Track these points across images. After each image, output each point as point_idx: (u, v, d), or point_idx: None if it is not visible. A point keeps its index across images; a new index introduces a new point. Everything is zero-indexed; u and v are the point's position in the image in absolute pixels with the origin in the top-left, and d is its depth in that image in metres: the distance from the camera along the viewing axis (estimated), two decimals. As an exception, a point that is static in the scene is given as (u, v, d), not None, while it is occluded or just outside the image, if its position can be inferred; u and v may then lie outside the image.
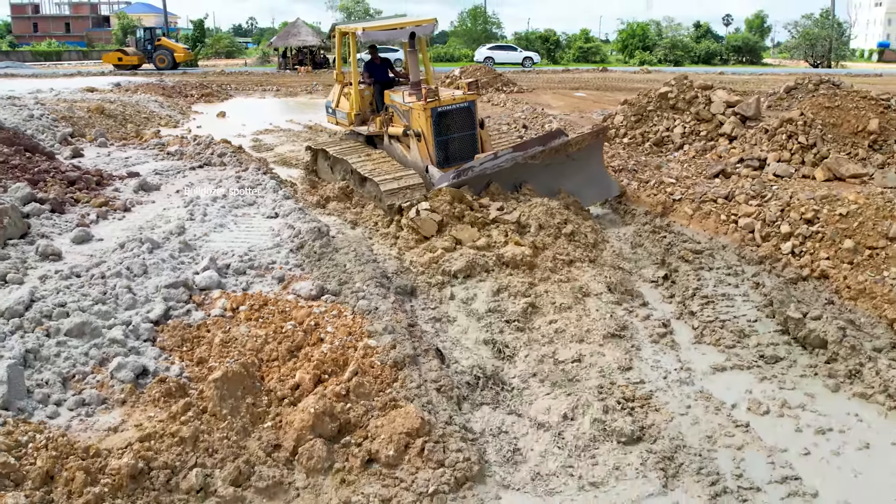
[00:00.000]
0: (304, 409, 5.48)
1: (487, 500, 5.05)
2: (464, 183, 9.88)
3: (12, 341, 5.83)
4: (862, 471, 5.50)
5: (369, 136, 12.40)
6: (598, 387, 6.36)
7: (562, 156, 10.65)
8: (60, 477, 4.70)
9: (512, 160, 10.13)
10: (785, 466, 5.48)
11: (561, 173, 10.64)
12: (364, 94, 12.52)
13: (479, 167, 10.01)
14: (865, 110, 12.20)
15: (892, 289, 7.87)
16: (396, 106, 11.57)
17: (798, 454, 5.67)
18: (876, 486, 5.32)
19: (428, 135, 10.74)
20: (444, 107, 10.83)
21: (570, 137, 11.03)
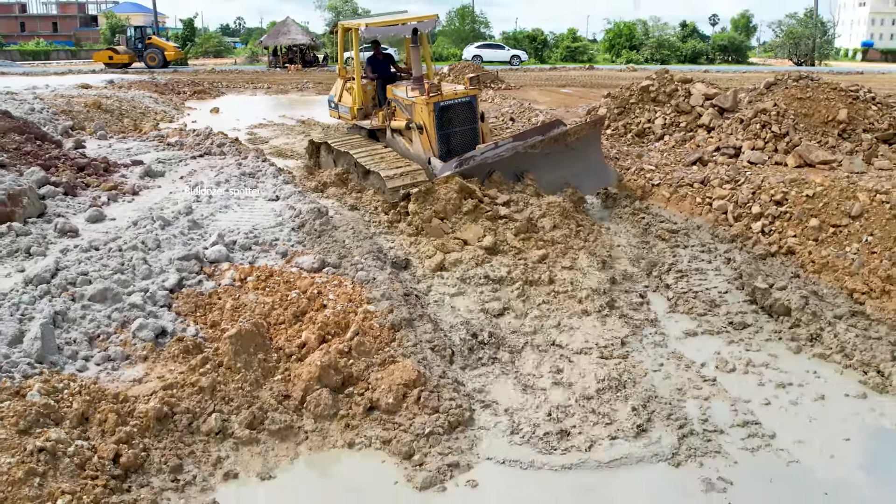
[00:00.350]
0: (311, 363, 6.04)
1: (476, 441, 5.61)
2: (466, 172, 10.00)
3: (42, 304, 6.36)
4: (816, 417, 6.10)
5: (371, 130, 12.56)
6: (581, 349, 6.95)
7: (560, 145, 10.85)
8: (94, 418, 5.24)
9: (512, 149, 10.31)
10: (747, 413, 6.07)
11: (560, 162, 10.82)
12: (366, 89, 12.73)
13: (481, 156, 10.17)
14: (835, 101, 12.82)
15: (853, 262, 8.47)
16: (399, 100, 11.72)
17: (759, 404, 6.26)
18: (828, 429, 5.91)
19: (430, 128, 10.89)
20: (447, 101, 11.00)
21: (568, 127, 11.25)
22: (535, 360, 6.78)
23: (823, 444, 5.70)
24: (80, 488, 4.62)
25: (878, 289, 8.06)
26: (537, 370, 6.62)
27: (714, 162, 12.29)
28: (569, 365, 6.68)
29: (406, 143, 11.59)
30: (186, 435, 5.44)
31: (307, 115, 23.32)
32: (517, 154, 10.36)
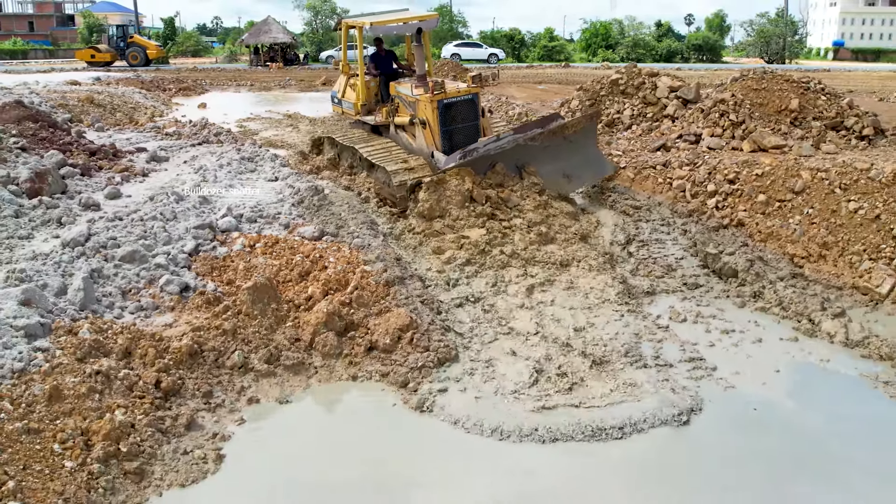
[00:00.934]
0: (318, 310, 6.98)
1: (461, 373, 6.58)
2: (469, 164, 10.30)
3: (80, 263, 7.26)
4: (753, 355, 7.12)
5: (375, 126, 12.80)
6: (551, 300, 7.94)
7: (559, 138, 11.15)
8: (136, 352, 6.16)
9: (513, 142, 10.60)
10: (693, 352, 7.07)
11: (558, 154, 11.12)
12: (370, 86, 13.00)
13: (483, 148, 10.44)
14: (788, 91, 13.93)
15: (795, 231, 9.52)
16: (403, 97, 11.98)
17: (705, 346, 7.27)
18: (762, 364, 6.93)
19: (434, 125, 11.17)
20: (450, 99, 11.28)
21: (566, 120, 11.61)
22: (519, 313, 7.77)
23: (756, 375, 6.71)
24: (132, 404, 5.55)
25: (815, 254, 9.12)
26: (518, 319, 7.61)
27: (676, 148, 13.35)
28: (548, 312, 7.67)
29: (409, 139, 11.88)
30: (214, 368, 6.36)
31: (293, 110, 24.19)
32: (518, 146, 10.69)
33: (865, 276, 8.58)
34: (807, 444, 5.71)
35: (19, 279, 6.65)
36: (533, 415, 5.91)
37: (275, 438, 5.69)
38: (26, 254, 7.44)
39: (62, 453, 4.87)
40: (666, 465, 5.43)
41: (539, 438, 5.63)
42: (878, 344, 7.16)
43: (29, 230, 8.16)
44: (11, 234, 7.97)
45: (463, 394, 6.25)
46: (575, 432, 5.69)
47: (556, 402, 6.11)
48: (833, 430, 5.93)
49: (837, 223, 9.31)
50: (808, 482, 5.23)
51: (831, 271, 8.86)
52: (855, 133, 13.41)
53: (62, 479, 4.68)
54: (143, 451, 5.17)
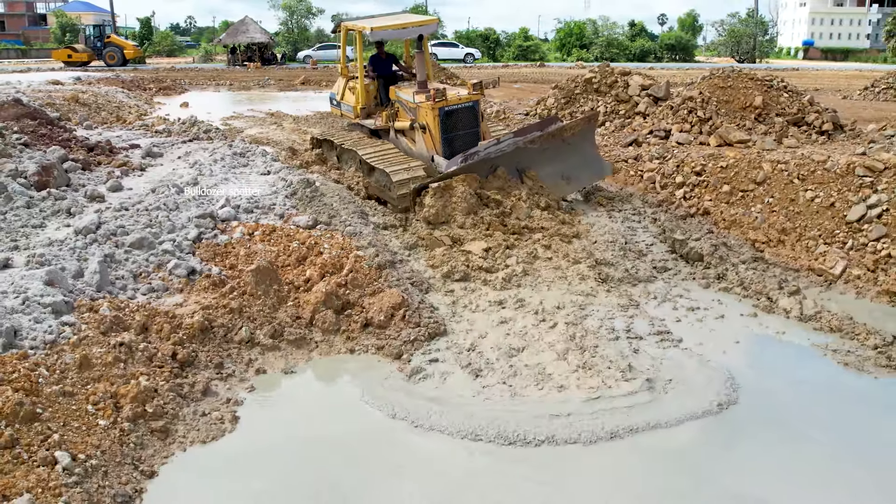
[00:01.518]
0: (317, 291, 7.57)
1: (451, 344, 7.19)
2: (471, 167, 10.51)
3: (93, 249, 7.79)
4: (716, 329, 7.80)
5: (374, 129, 12.85)
6: (530, 285, 8.58)
7: (558, 140, 11.36)
8: (152, 328, 6.71)
9: (514, 145, 10.79)
10: (661, 326, 7.72)
11: (557, 156, 11.34)
12: (369, 89, 13.09)
13: (484, 152, 10.61)
14: (752, 89, 14.69)
15: (756, 219, 10.24)
16: (403, 102, 12.09)
17: (672, 321, 7.93)
18: (724, 336, 7.60)
19: (435, 131, 11.27)
20: (451, 106, 11.32)
21: (565, 123, 11.79)
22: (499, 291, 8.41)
23: (718, 345, 7.38)
24: (153, 372, 6.10)
25: (774, 239, 9.84)
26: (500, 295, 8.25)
27: (647, 143, 14.06)
28: (528, 293, 8.31)
29: (409, 143, 12.01)
30: (223, 343, 6.93)
31: (274, 109, 24.69)
32: (517, 149, 10.87)
33: (820, 259, 9.30)
34: (765, 403, 6.35)
35: (39, 262, 7.18)
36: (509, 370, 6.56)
37: (282, 403, 6.27)
38: (42, 241, 7.97)
39: (95, 413, 5.42)
40: (635, 417, 6.06)
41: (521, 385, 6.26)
42: (829, 318, 7.86)
43: (41, 220, 8.68)
44: (25, 223, 8.49)
45: (453, 362, 6.87)
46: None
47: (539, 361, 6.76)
48: (788, 390, 6.60)
49: (795, 211, 10.03)
50: (767, 432, 5.88)
51: (789, 255, 9.58)
52: (815, 128, 14.19)
53: (98, 434, 5.23)
54: (167, 412, 5.73)
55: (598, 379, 6.53)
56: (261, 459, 5.43)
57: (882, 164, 9.87)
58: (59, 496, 4.53)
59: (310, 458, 5.50)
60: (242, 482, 5.17)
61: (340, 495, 5.06)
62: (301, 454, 5.57)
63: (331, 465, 5.39)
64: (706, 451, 5.68)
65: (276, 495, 5.04)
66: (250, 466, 5.35)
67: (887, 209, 9.33)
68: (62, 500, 4.50)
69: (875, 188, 9.68)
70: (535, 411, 6.04)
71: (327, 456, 5.51)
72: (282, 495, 5.04)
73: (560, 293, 8.42)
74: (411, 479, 5.26)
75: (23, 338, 5.90)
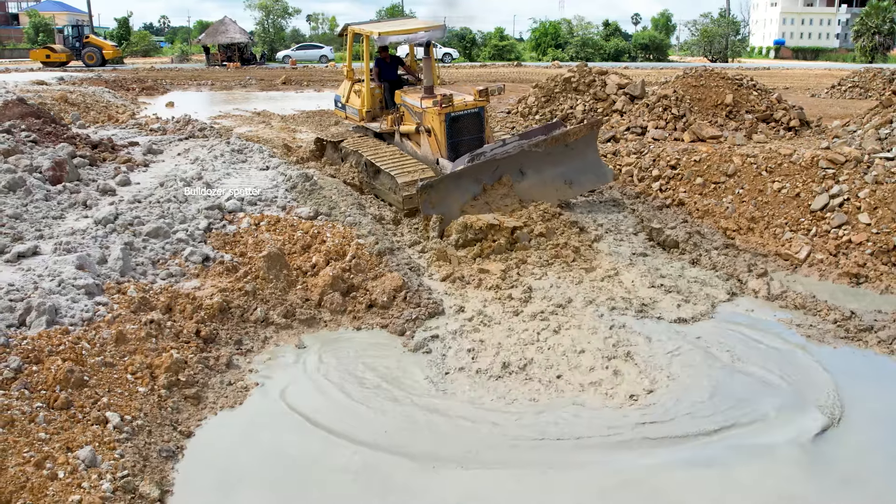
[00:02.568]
0: (324, 275, 8.17)
1: (448, 322, 7.83)
2: (477, 168, 10.73)
3: (113, 237, 8.35)
4: (688, 299, 8.49)
5: (379, 133, 13.11)
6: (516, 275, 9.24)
7: (561, 145, 11.53)
8: (176, 308, 7.30)
9: (518, 147, 10.99)
10: (638, 298, 8.40)
11: (560, 160, 11.55)
12: (375, 93, 13.34)
13: (490, 153, 10.82)
14: (723, 87, 15.46)
15: (727, 209, 10.96)
16: (409, 107, 12.30)
17: (648, 295, 8.61)
18: (697, 310, 8.28)
19: (441, 136, 11.54)
20: (458, 112, 11.62)
21: (569, 128, 11.95)
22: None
23: (692, 317, 8.08)
24: (181, 347, 6.69)
25: (744, 227, 10.57)
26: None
27: (625, 139, 14.77)
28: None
29: (414, 146, 12.26)
30: (241, 322, 7.53)
31: (260, 108, 25.18)
32: (522, 152, 11.06)
33: (787, 245, 10.03)
34: (737, 366, 7.04)
35: (66, 249, 7.73)
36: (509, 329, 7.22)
37: (299, 372, 6.87)
38: (65, 230, 8.51)
39: (134, 381, 6.00)
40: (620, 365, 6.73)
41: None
42: (794, 297, 8.58)
43: (59, 211, 9.22)
44: (45, 214, 9.02)
45: (449, 339, 7.52)
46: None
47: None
48: (756, 355, 7.28)
49: (763, 201, 10.77)
50: (739, 386, 6.57)
51: (758, 241, 10.31)
52: (783, 125, 14.97)
53: (139, 399, 5.81)
54: (197, 381, 6.32)
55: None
56: (284, 420, 6.04)
57: (843, 157, 10.63)
58: (113, 449, 5.11)
59: (328, 420, 6.10)
60: (270, 440, 5.77)
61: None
62: (325, 409, 6.17)
63: (347, 429, 6.00)
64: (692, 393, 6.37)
65: (301, 450, 5.65)
66: (275, 426, 5.95)
67: (848, 199, 10.08)
68: (117, 452, 5.09)
69: (837, 179, 10.43)
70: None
71: (343, 418, 6.12)
72: (308, 450, 5.65)
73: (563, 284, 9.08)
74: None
75: (62, 315, 6.47)
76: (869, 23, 67.89)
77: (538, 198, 11.02)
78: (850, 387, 6.68)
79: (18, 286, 6.87)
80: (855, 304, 8.58)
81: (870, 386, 6.78)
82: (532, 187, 11.23)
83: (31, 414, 5.16)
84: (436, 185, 10.55)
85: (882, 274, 9.13)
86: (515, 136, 11.54)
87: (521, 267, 9.27)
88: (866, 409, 6.34)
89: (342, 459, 5.55)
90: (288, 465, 5.47)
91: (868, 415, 6.25)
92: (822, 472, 5.51)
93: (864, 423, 6.13)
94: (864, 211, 9.84)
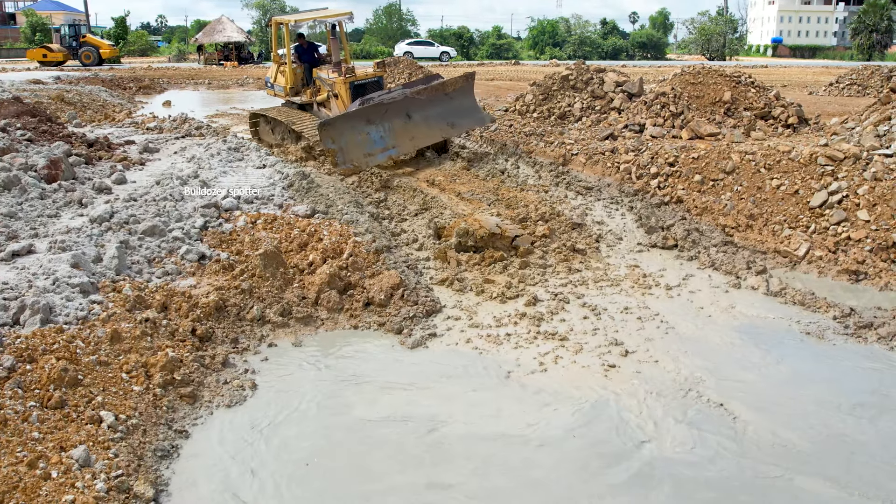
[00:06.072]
0: (321, 273, 8.12)
1: (447, 319, 7.78)
2: (367, 109, 12.85)
3: (108, 236, 8.30)
4: (681, 294, 8.45)
5: (301, 105, 15.47)
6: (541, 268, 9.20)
7: (441, 94, 13.97)
8: (171, 306, 7.24)
9: (403, 94, 13.32)
10: (638, 299, 8.37)
11: (441, 106, 13.95)
12: (296, 72, 15.65)
13: (378, 98, 13.08)
14: (721, 85, 15.42)
15: (726, 206, 10.92)
16: (323, 80, 14.80)
17: (655, 296, 8.57)
18: (694, 306, 8.24)
19: (346, 99, 13.92)
20: (360, 81, 14.23)
21: (446, 79, 14.45)
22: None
23: (689, 315, 8.04)
24: (176, 345, 6.64)
25: (743, 224, 10.52)
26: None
27: (623, 136, 14.73)
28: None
29: (326, 112, 14.52)
30: (237, 321, 7.47)
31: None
32: (406, 98, 13.35)
33: (786, 242, 9.99)
34: (737, 361, 7.00)
35: (61, 248, 7.68)
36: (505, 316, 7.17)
37: (295, 371, 6.81)
38: (60, 228, 8.46)
39: (130, 380, 5.95)
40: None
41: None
42: (793, 294, 8.54)
43: (55, 210, 9.17)
44: (41, 213, 8.97)
45: (447, 335, 7.48)
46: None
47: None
48: (754, 347, 7.26)
49: (762, 198, 10.73)
50: (741, 375, 6.54)
51: (757, 239, 10.26)
52: (781, 122, 14.93)
53: (134, 398, 5.76)
54: (193, 379, 6.27)
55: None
56: (281, 420, 5.98)
57: (842, 154, 10.59)
58: (108, 449, 5.06)
59: (327, 420, 6.05)
60: (267, 440, 5.72)
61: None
62: (318, 413, 6.12)
63: (346, 427, 5.95)
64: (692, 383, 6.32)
65: (299, 450, 5.60)
66: (273, 426, 5.90)
67: (847, 195, 10.04)
68: (111, 451, 5.04)
69: (836, 176, 10.39)
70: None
71: (342, 419, 6.07)
72: (306, 446, 5.60)
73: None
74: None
75: (57, 314, 6.42)
76: (866, 20, 67.97)
77: (426, 135, 13.71)
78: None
79: (13, 285, 6.82)
80: (854, 300, 8.56)
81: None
82: (418, 127, 13.61)
83: (24, 413, 5.11)
84: (332, 122, 12.71)
85: (881, 271, 9.09)
86: (400, 86, 14.06)
87: (522, 273, 9.10)
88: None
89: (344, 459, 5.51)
90: (285, 463, 5.42)
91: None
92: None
93: None
94: (863, 208, 9.80)
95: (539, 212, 10.59)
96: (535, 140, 15.09)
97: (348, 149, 12.55)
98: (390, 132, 13.16)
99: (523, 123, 16.67)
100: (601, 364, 6.91)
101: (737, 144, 12.45)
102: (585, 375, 6.72)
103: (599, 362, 6.94)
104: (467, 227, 9.58)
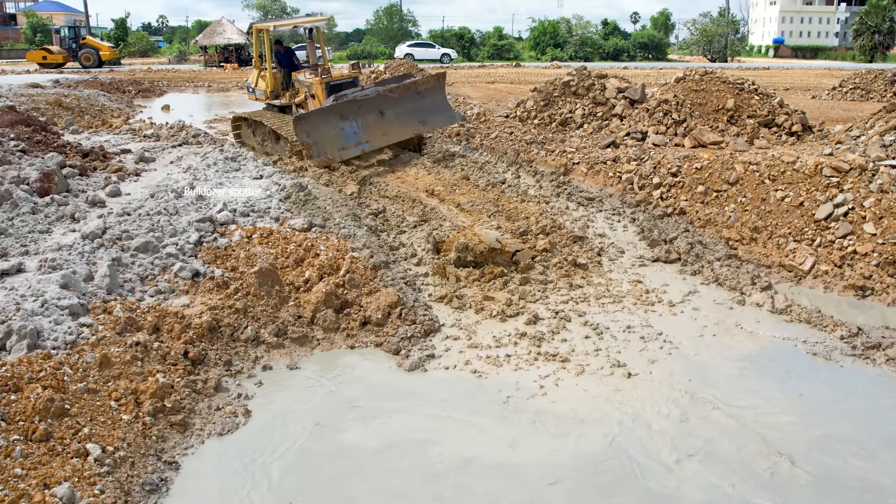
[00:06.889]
0: (317, 291, 7.95)
1: (446, 339, 7.61)
2: (340, 105, 13.29)
3: (100, 253, 8.13)
4: (685, 311, 8.29)
5: (281, 107, 15.88)
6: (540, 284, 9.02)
7: (412, 92, 14.53)
8: (163, 328, 7.07)
9: (375, 92, 13.82)
10: (643, 321, 8.20)
11: (412, 104, 14.48)
12: (276, 77, 16.00)
13: (352, 95, 13.54)
14: (724, 92, 15.24)
15: (730, 218, 10.75)
16: (301, 82, 15.36)
17: (658, 313, 8.40)
18: (698, 323, 8.07)
19: (323, 98, 14.30)
20: (335, 81, 14.84)
21: (417, 78, 15.05)
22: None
23: (694, 331, 7.88)
24: (168, 369, 6.47)
25: (747, 237, 10.35)
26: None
27: (625, 145, 14.55)
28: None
29: (304, 111, 14.61)
30: (230, 341, 7.30)
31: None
32: (379, 96, 13.87)
33: (791, 256, 9.83)
34: (744, 388, 6.83)
35: (52, 267, 7.51)
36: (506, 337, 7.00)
37: (290, 396, 6.65)
38: (51, 245, 8.30)
39: (118, 408, 5.78)
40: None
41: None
42: (799, 311, 8.36)
43: (46, 225, 9.00)
44: (32, 228, 8.81)
45: (446, 357, 7.30)
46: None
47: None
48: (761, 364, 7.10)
49: (767, 210, 10.56)
50: (747, 400, 6.37)
51: (761, 252, 10.09)
52: (785, 129, 14.76)
53: (122, 428, 5.59)
54: (184, 406, 6.10)
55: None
56: (273, 450, 5.81)
57: (848, 165, 10.41)
58: (93, 485, 4.89)
59: (322, 449, 5.88)
60: (258, 473, 5.54)
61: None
62: (313, 442, 5.95)
63: (342, 459, 5.78)
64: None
65: (290, 486, 5.43)
66: (265, 457, 5.72)
67: (853, 208, 9.87)
68: (97, 488, 4.87)
69: (841, 188, 10.22)
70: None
71: (335, 449, 5.90)
72: (301, 479, 5.44)
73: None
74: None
75: (45, 339, 6.26)
76: (868, 21, 67.69)
77: (397, 131, 14.23)
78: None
79: (0, 307, 6.65)
80: (861, 317, 8.40)
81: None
82: (391, 123, 14.10)
83: (7, 448, 4.94)
84: (307, 116, 13.32)
85: (889, 286, 8.92)
86: (373, 84, 14.77)
87: (523, 289, 8.88)
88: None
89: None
90: (279, 498, 5.25)
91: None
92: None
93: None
94: (870, 221, 9.63)
95: (540, 224, 10.43)
96: (536, 148, 14.91)
97: (322, 142, 13.14)
98: (363, 127, 13.70)
99: (524, 131, 16.48)
100: (603, 388, 6.75)
101: (740, 154, 12.28)
102: (587, 400, 6.56)
103: (602, 386, 6.78)
104: (467, 241, 9.40)
